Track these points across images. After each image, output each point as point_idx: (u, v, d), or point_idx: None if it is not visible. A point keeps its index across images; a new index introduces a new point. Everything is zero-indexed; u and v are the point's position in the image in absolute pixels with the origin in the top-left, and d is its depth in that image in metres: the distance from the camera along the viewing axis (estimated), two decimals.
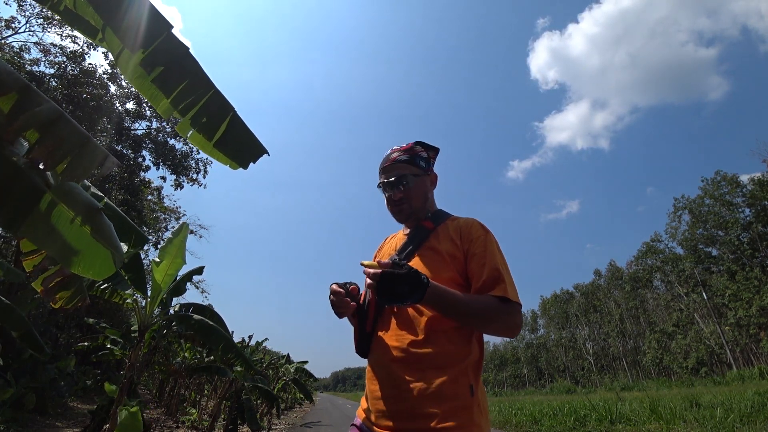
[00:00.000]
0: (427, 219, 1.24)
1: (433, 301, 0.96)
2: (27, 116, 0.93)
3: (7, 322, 2.50)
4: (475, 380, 1.02)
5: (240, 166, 1.70)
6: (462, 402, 0.97)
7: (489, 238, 1.14)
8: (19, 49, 12.29)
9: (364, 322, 1.17)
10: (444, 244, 1.14)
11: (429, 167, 1.28)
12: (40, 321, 10.70)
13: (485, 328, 1.05)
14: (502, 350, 79.47)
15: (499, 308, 1.01)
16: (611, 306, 50.90)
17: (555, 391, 39.10)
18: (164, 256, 3.98)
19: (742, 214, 34.34)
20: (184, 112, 1.55)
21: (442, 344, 1.02)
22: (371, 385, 1.09)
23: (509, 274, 1.09)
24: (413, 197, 1.23)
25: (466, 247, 1.12)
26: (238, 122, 1.64)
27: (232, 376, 6.90)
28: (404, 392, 0.99)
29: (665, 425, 6.75)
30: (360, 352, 1.19)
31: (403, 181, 1.21)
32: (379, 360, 1.08)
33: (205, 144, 1.65)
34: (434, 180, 1.31)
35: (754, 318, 29.69)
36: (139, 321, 4.11)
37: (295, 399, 23.74)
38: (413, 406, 0.97)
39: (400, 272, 0.91)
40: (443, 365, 1.00)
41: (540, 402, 16.08)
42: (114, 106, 15.19)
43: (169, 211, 19.07)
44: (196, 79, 1.51)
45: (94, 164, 1.09)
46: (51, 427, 7.46)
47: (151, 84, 1.48)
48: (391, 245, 1.33)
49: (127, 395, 4.22)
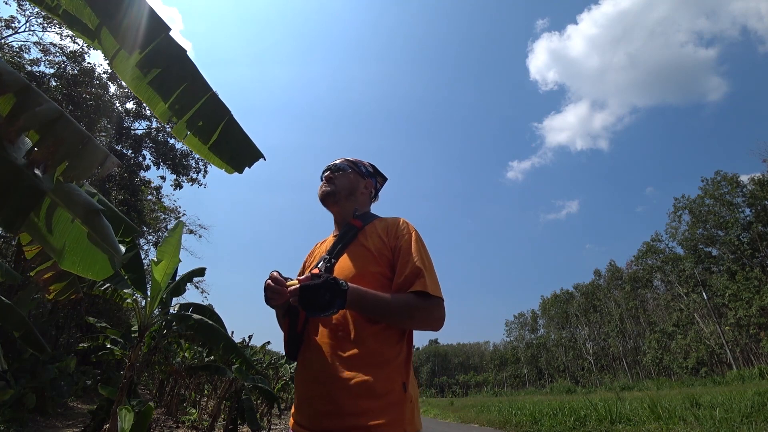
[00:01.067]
0: (355, 218, 1.29)
1: (355, 303, 1.01)
2: (28, 116, 0.93)
3: (7, 322, 2.51)
4: (406, 378, 1.04)
5: (235, 170, 1.69)
6: (394, 398, 0.99)
7: (414, 236, 1.18)
8: (19, 48, 12.30)
9: (295, 324, 1.18)
10: (372, 240, 1.19)
11: (368, 177, 1.39)
12: (40, 321, 10.72)
13: (408, 324, 1.08)
14: (502, 350, 79.51)
15: (419, 304, 1.04)
16: (611, 306, 50.92)
17: (555, 391, 39.11)
18: (163, 255, 3.99)
19: (743, 214, 34.37)
20: (180, 114, 1.55)
21: (371, 344, 1.04)
22: (300, 387, 1.09)
23: (432, 269, 1.12)
24: (340, 184, 1.31)
25: (393, 244, 1.17)
26: (234, 126, 1.64)
27: (231, 376, 6.90)
28: (334, 391, 0.99)
29: (665, 425, 6.75)
30: (289, 353, 1.19)
31: (337, 168, 1.34)
32: (309, 361, 1.09)
33: (201, 147, 1.64)
34: (369, 187, 1.40)
35: (754, 318, 29.70)
36: (139, 321, 4.11)
37: None
38: (343, 405, 0.96)
39: (317, 283, 0.95)
40: (373, 364, 1.01)
41: (540, 402, 16.08)
42: (114, 106, 15.20)
43: (168, 211, 19.08)
44: (193, 81, 1.51)
45: (95, 164, 1.09)
46: (51, 427, 7.46)
47: (147, 86, 1.48)
48: (322, 249, 1.36)
49: (127, 395, 4.22)
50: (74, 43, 13.12)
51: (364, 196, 1.37)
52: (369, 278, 1.11)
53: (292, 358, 1.20)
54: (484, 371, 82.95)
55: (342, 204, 1.31)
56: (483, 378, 79.94)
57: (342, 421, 0.96)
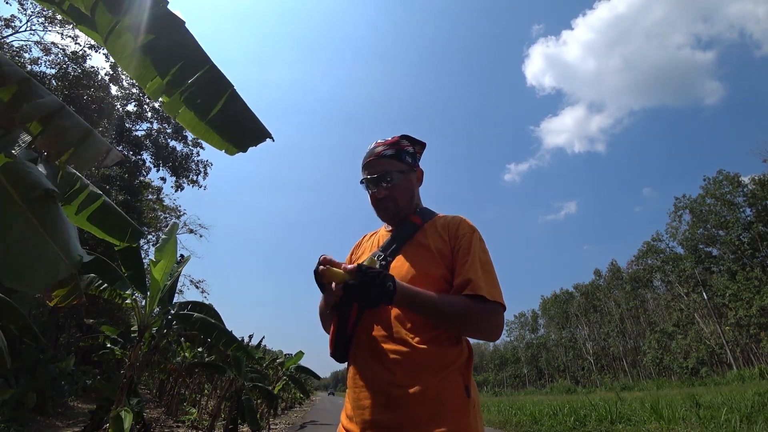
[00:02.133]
0: (414, 214, 1.18)
1: (405, 303, 0.95)
2: (30, 106, 0.92)
3: (5, 318, 2.50)
4: (468, 380, 0.97)
5: (238, 149, 1.53)
6: (457, 404, 0.92)
7: (475, 236, 1.09)
8: (20, 48, 12.31)
9: (345, 324, 1.07)
10: (432, 240, 1.09)
11: (415, 163, 1.21)
12: (40, 320, 10.72)
13: (461, 329, 1.00)
14: (502, 350, 79.46)
15: (474, 308, 0.96)
16: (611, 306, 50.88)
17: (555, 391, 39.10)
18: (161, 255, 4.00)
19: (743, 213, 34.34)
20: (174, 87, 1.39)
21: (429, 347, 0.96)
22: (355, 393, 1.00)
23: (491, 272, 1.04)
24: (399, 195, 1.15)
25: (453, 244, 1.08)
26: (236, 101, 1.46)
27: (231, 376, 6.90)
28: (393, 399, 0.92)
29: (665, 425, 6.75)
30: (336, 355, 1.09)
31: (387, 178, 1.14)
32: (365, 365, 1.01)
33: (197, 124, 1.47)
34: (420, 176, 1.24)
35: (754, 318, 29.67)
36: (138, 320, 4.12)
37: (295, 399, 23.75)
38: (404, 414, 0.90)
39: (365, 280, 0.90)
40: (432, 368, 0.94)
41: (540, 402, 16.08)
42: (115, 108, 15.22)
43: (169, 211, 19.09)
44: (189, 51, 1.37)
45: (99, 155, 1.07)
46: (51, 427, 7.47)
47: (141, 61, 1.34)
48: (372, 242, 1.25)
49: (127, 395, 4.23)
50: (76, 44, 13.14)
51: (418, 190, 1.24)
52: (430, 281, 1.02)
53: (339, 360, 1.10)
54: (484, 371, 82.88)
55: (405, 213, 1.18)
56: (483, 378, 79.85)
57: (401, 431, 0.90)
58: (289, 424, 12.78)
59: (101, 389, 4.64)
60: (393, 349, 0.97)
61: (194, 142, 17.74)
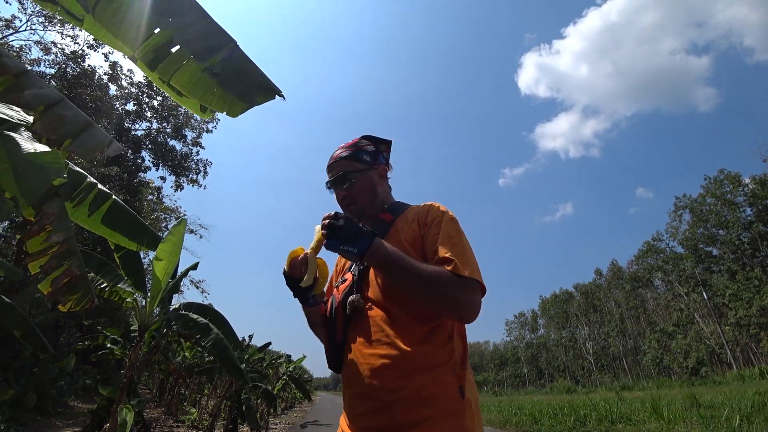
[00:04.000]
0: (384, 212, 1.19)
1: (382, 253, 0.93)
2: (31, 93, 0.92)
3: (8, 322, 2.50)
4: (463, 380, 0.94)
5: (244, 106, 1.36)
6: (450, 405, 0.90)
7: (446, 217, 1.07)
8: (20, 48, 12.31)
9: (334, 333, 1.09)
10: (404, 233, 1.09)
11: (376, 161, 1.21)
12: (40, 320, 10.71)
13: (435, 303, 0.94)
14: (502, 350, 79.48)
15: (452, 279, 0.92)
16: (611, 306, 50.89)
17: (555, 391, 39.08)
18: (163, 254, 3.97)
19: (743, 213, 34.34)
20: (168, 44, 1.23)
21: (418, 347, 0.95)
22: (349, 400, 1.01)
23: (466, 251, 1.00)
24: (357, 193, 1.17)
25: (424, 231, 1.07)
26: (239, 54, 1.31)
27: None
28: (385, 404, 0.91)
29: (666, 425, 6.74)
30: (333, 365, 1.10)
31: (345, 179, 1.16)
32: (355, 372, 1.00)
33: (194, 82, 1.28)
34: (383, 173, 1.24)
35: (754, 318, 29.68)
36: (139, 320, 4.11)
37: (295, 398, 23.75)
38: (396, 417, 0.89)
39: (341, 222, 0.93)
40: (423, 369, 0.92)
41: (540, 401, 16.08)
42: (114, 107, 15.21)
43: (169, 211, 19.09)
44: (184, 7, 1.23)
45: (100, 146, 1.06)
46: (51, 427, 7.47)
47: (130, 20, 1.19)
48: None
49: (127, 395, 4.22)
50: (75, 43, 13.14)
51: (383, 185, 1.23)
52: None
53: (336, 371, 1.10)
54: (484, 371, 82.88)
55: (370, 212, 1.19)
56: (483, 378, 79.85)
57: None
58: (289, 423, 12.78)
59: (101, 389, 4.63)
60: (381, 353, 0.96)
61: (194, 141, 17.73)
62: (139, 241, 2.23)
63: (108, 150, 1.09)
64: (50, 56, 12.71)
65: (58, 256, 1.34)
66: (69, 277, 1.63)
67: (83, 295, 1.70)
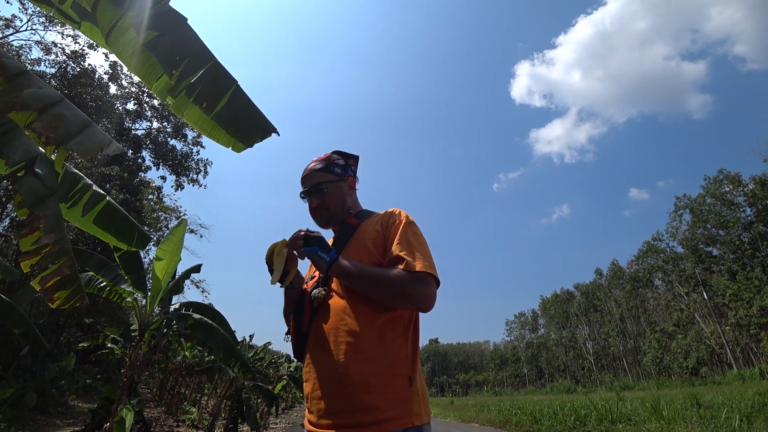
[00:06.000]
0: (351, 217, 1.31)
1: (344, 266, 1.07)
2: (29, 93, 0.92)
3: (7, 320, 2.50)
4: (413, 372, 1.05)
5: (244, 146, 1.57)
6: (400, 393, 1.00)
7: (405, 221, 1.18)
8: (19, 47, 12.31)
9: (300, 324, 1.19)
10: (368, 234, 1.20)
11: (346, 173, 1.35)
12: (40, 320, 10.73)
13: (393, 298, 1.05)
14: (502, 350, 79.51)
15: (405, 277, 1.04)
16: (612, 306, 50.89)
17: (555, 391, 39.13)
18: (164, 254, 3.97)
19: (743, 213, 34.32)
20: (179, 85, 1.42)
21: (375, 339, 1.04)
22: (309, 386, 1.10)
23: (421, 247, 1.11)
24: (329, 202, 1.29)
25: (385, 233, 1.18)
26: (241, 96, 1.49)
27: (232, 375, 6.90)
28: (342, 387, 1.00)
29: (666, 425, 6.74)
30: (297, 354, 1.21)
31: (318, 189, 1.28)
32: (316, 359, 1.10)
33: (203, 121, 1.50)
34: (352, 184, 1.37)
35: (754, 318, 29.67)
36: (139, 320, 4.11)
37: (295, 398, 23.76)
38: (352, 401, 0.98)
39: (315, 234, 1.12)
40: (377, 359, 1.02)
41: (540, 401, 16.09)
42: (114, 107, 15.20)
43: (169, 211, 19.09)
44: (192, 48, 1.39)
45: (100, 145, 1.07)
46: (51, 426, 7.47)
47: (145, 59, 1.35)
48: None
49: (128, 394, 4.22)
50: (75, 43, 13.13)
51: (352, 195, 1.37)
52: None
53: (299, 359, 1.21)
54: (485, 371, 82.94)
55: (339, 217, 1.31)
56: (483, 377, 79.92)
57: (351, 417, 0.98)
58: (289, 423, 12.78)
59: (102, 388, 4.63)
60: (341, 340, 1.05)
61: (194, 140, 17.73)
62: (128, 241, 2.26)
63: (107, 149, 1.10)
64: (51, 56, 12.71)
65: (49, 256, 1.38)
66: (59, 276, 1.71)
67: (72, 294, 1.77)
